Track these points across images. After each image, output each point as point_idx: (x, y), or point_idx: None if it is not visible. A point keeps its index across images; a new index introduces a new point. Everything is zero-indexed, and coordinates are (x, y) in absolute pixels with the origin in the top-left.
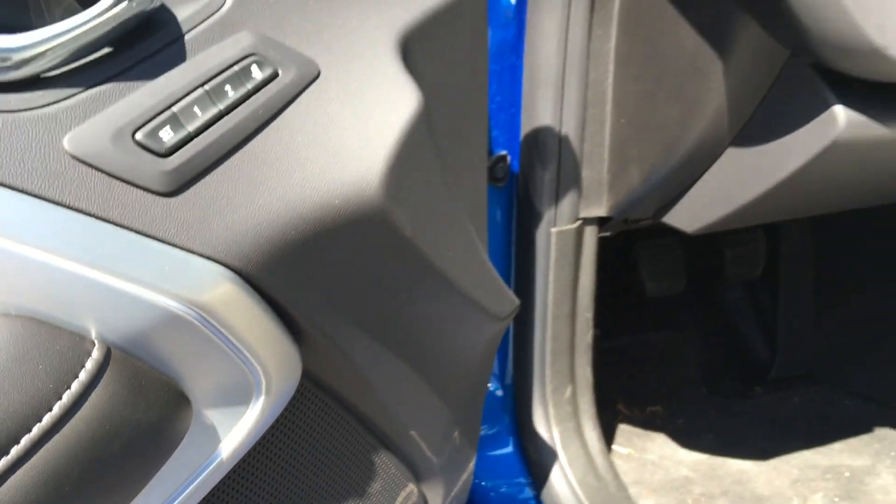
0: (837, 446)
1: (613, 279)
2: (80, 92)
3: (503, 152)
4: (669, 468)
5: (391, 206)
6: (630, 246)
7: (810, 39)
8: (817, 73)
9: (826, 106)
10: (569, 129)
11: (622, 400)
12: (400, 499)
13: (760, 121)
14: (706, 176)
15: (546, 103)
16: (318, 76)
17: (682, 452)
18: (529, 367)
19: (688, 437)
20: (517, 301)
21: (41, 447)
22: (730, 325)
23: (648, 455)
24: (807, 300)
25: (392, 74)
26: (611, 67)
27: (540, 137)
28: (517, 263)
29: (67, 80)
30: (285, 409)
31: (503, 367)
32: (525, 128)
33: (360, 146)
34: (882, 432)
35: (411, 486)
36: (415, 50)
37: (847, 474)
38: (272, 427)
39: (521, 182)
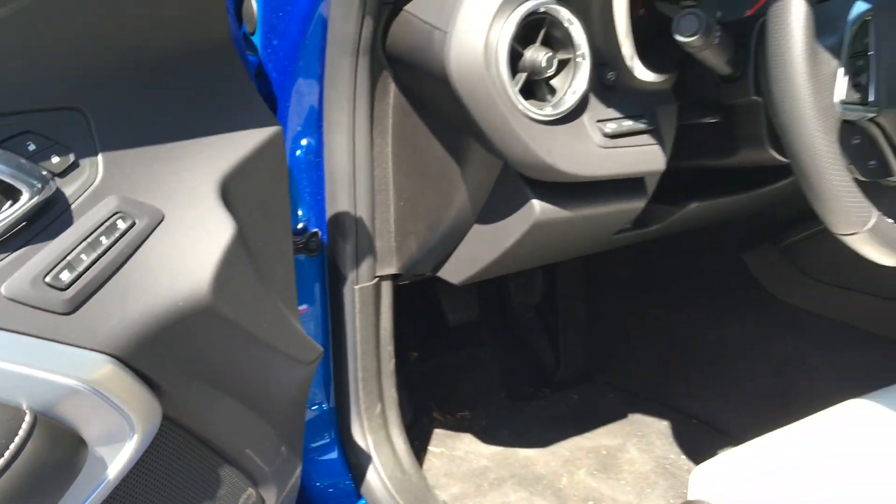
0: (600, 431)
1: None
2: (7, 255)
3: (315, 230)
4: (472, 461)
5: (217, 303)
6: (433, 286)
7: (509, 161)
8: (520, 176)
9: (527, 199)
10: (362, 211)
11: (437, 408)
12: (242, 499)
13: (491, 207)
14: (462, 243)
15: (343, 194)
16: (162, 219)
17: (483, 447)
18: (347, 391)
19: (488, 435)
20: (320, 349)
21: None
22: (522, 340)
23: (456, 452)
24: (580, 316)
25: (214, 211)
26: (390, 166)
27: (341, 218)
28: (332, 314)
29: (1, 248)
30: (151, 442)
31: (327, 392)
32: (329, 212)
33: (194, 265)
34: (633, 417)
35: (250, 490)
36: (232, 188)
37: (604, 452)
38: (143, 455)
39: (329, 252)
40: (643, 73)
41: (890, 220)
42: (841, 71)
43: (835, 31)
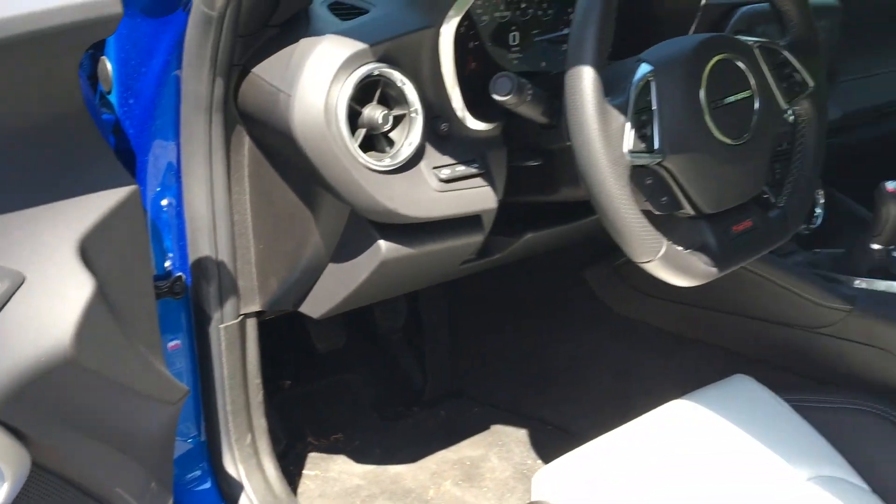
0: (464, 443)
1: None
2: None
3: (179, 274)
4: (345, 480)
5: (79, 356)
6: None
7: (355, 208)
8: (367, 219)
9: (374, 240)
10: (223, 255)
11: (311, 433)
12: None
13: (342, 247)
14: (319, 281)
15: (204, 240)
16: (24, 281)
17: (356, 467)
18: (217, 424)
19: (361, 454)
20: (185, 389)
21: None
22: (391, 362)
23: (330, 473)
24: (444, 336)
25: (74, 270)
26: (248, 212)
27: (203, 262)
28: (200, 352)
29: None
30: (23, 487)
31: (199, 426)
32: (192, 257)
33: (56, 322)
34: (494, 428)
35: None
36: (91, 246)
37: (468, 463)
38: (14, 501)
39: (194, 294)
40: (474, 123)
41: (679, 248)
42: (628, 126)
43: (622, 92)
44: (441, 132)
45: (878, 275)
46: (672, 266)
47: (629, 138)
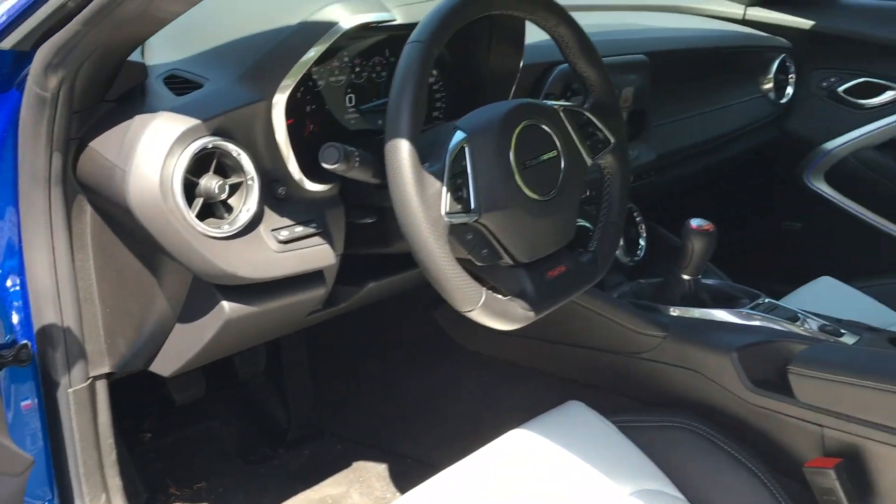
0: (327, 481)
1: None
2: None
3: (25, 341)
4: None
5: None
6: None
7: (196, 273)
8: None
9: (217, 301)
10: (69, 320)
11: (174, 483)
12: None
13: (188, 308)
14: (167, 341)
15: (48, 307)
16: None
17: None
18: (70, 486)
19: (225, 501)
20: (30, 459)
21: None
22: (255, 406)
23: None
24: (306, 378)
25: None
26: (93, 277)
27: (48, 329)
28: (49, 416)
29: None
30: None
31: (52, 488)
32: (37, 324)
33: None
34: (356, 464)
35: None
36: None
37: (330, 501)
38: None
39: (40, 361)
40: (311, 185)
41: (498, 296)
42: (444, 190)
43: (439, 159)
44: (279, 195)
45: (689, 302)
46: (492, 313)
47: (446, 201)
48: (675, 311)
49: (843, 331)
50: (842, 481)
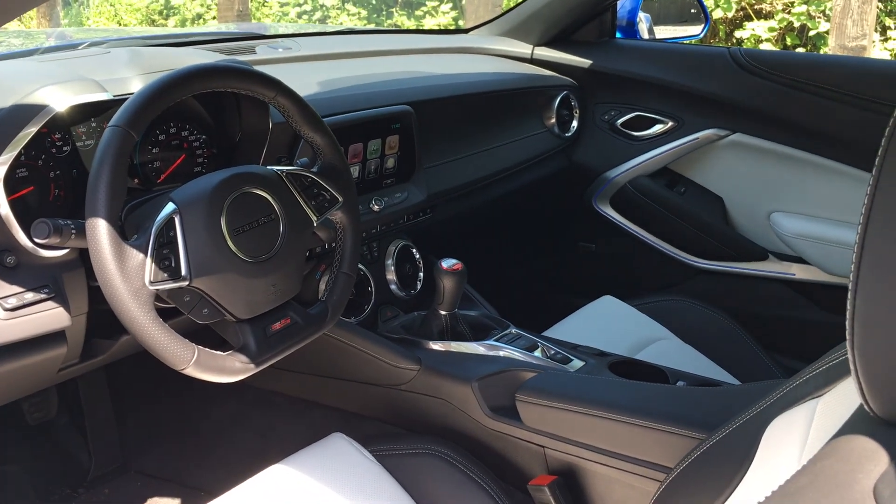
0: None
1: None
2: None
3: None
4: None
5: None
6: None
7: None
8: None
9: None
10: None
11: None
12: None
13: None
14: None
15: None
16: None
17: None
18: None
19: None
20: None
21: None
22: (54, 448)
23: None
24: (108, 415)
25: None
26: None
27: None
28: None
29: None
30: None
31: None
32: None
33: None
34: (153, 500)
35: None
36: None
37: None
38: None
39: None
40: (46, 252)
41: (212, 352)
42: (148, 261)
43: (145, 231)
44: (7, 264)
45: (446, 336)
46: (206, 368)
47: (150, 271)
48: (433, 345)
49: (571, 357)
50: (555, 497)
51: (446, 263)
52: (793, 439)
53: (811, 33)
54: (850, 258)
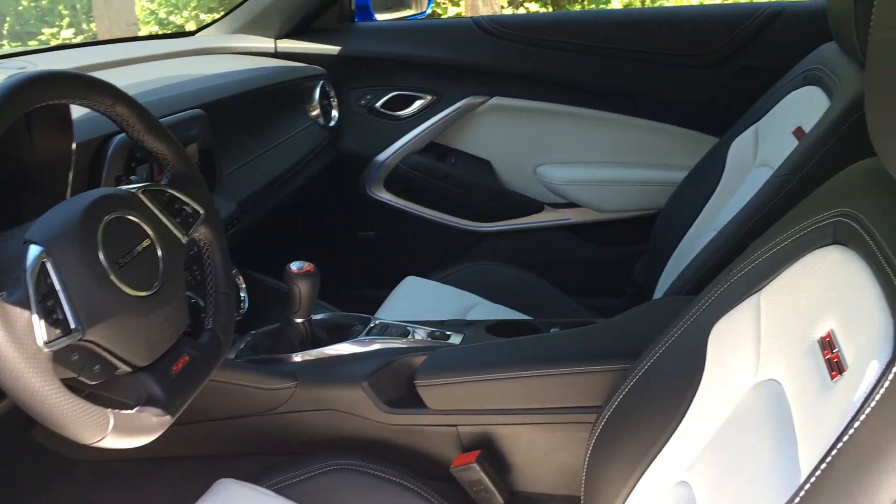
0: None
1: None
2: None
3: None
4: None
5: None
6: None
7: None
8: None
9: None
10: None
11: None
12: None
13: None
14: None
15: None
16: None
17: None
18: None
19: None
20: None
21: None
22: None
23: None
24: None
25: None
26: None
27: None
28: None
29: None
30: None
31: None
32: None
33: None
34: None
35: None
36: None
37: None
38: None
39: None
40: None
41: (126, 412)
42: (35, 317)
43: (18, 283)
44: None
45: (308, 345)
46: (126, 432)
47: (41, 330)
48: (298, 357)
49: (448, 333)
50: (485, 470)
51: (296, 266)
52: (745, 337)
53: None
54: (618, 194)
